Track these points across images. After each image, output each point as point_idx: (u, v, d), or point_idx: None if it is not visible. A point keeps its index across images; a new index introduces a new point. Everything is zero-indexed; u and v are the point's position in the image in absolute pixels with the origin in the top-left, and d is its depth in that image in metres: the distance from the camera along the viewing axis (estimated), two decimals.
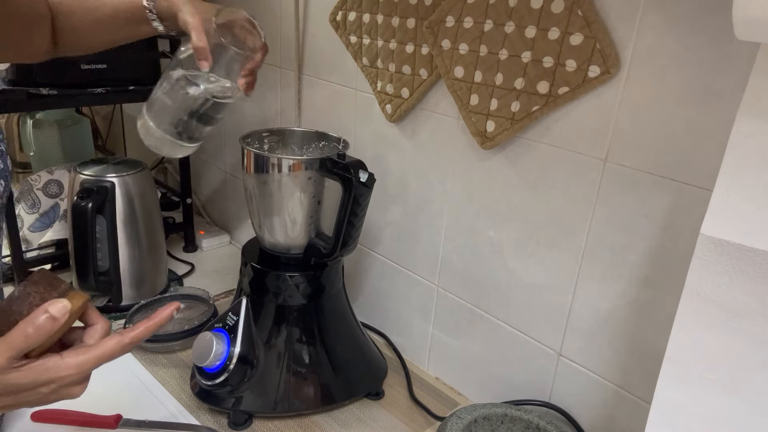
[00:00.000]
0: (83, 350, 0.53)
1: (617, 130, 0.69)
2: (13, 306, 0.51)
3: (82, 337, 0.56)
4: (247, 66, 0.76)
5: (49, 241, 1.20)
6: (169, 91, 0.76)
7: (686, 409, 0.50)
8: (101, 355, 0.53)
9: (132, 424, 0.82)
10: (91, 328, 0.57)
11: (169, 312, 0.59)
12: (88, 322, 0.57)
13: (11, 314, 0.51)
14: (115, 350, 0.54)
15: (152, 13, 0.76)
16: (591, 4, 0.66)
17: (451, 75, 0.81)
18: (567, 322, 0.79)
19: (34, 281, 0.52)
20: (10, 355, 0.49)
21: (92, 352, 0.53)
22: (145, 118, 0.77)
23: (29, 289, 0.52)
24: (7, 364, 0.49)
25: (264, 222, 0.88)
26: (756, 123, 0.44)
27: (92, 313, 0.57)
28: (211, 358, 0.80)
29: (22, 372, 0.50)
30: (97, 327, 0.56)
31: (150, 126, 0.77)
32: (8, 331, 0.50)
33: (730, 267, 0.46)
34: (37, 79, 1.08)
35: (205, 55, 0.71)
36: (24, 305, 0.51)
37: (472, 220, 0.87)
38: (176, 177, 1.50)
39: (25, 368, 0.50)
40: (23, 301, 0.51)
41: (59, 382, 0.51)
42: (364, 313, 1.10)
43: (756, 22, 0.39)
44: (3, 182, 0.66)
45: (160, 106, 0.77)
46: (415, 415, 0.90)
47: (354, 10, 0.93)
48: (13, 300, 0.51)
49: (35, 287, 0.52)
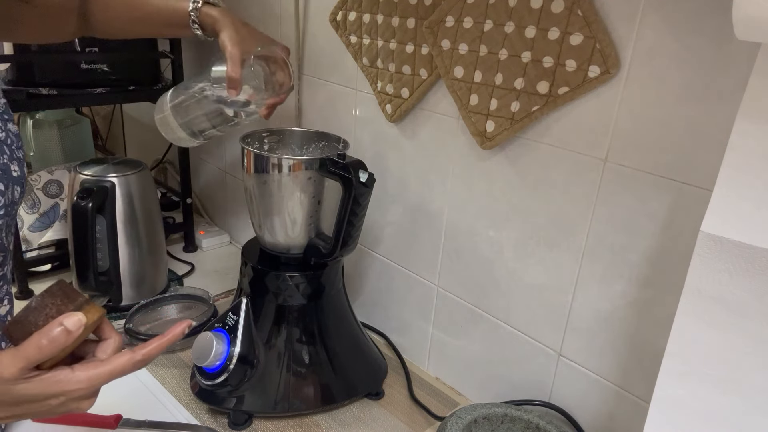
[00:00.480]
0: (94, 365, 0.53)
1: (617, 130, 0.69)
2: (30, 317, 0.51)
3: (95, 351, 0.56)
4: (270, 101, 0.83)
5: (49, 241, 1.20)
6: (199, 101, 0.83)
7: (686, 405, 0.50)
8: (112, 370, 0.53)
9: (132, 424, 0.82)
10: (104, 343, 0.57)
11: (181, 329, 0.58)
12: (102, 336, 0.57)
13: (27, 325, 0.51)
14: (126, 367, 0.54)
15: (195, 23, 0.81)
16: (591, 4, 0.66)
17: (450, 75, 0.81)
18: (567, 322, 0.79)
19: (52, 293, 0.52)
20: (22, 365, 0.49)
21: (103, 367, 0.53)
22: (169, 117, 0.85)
23: (46, 301, 0.52)
24: (19, 374, 0.49)
25: (264, 222, 0.88)
26: (756, 123, 0.44)
27: (106, 327, 0.57)
28: (211, 358, 0.80)
29: (33, 383, 0.50)
30: (110, 342, 0.57)
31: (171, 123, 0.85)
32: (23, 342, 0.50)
33: (730, 264, 0.46)
34: (37, 79, 1.08)
35: (235, 86, 0.77)
36: (40, 317, 0.51)
37: (472, 220, 0.87)
38: (176, 177, 1.49)
39: (36, 380, 0.50)
40: (40, 313, 0.51)
41: (69, 395, 0.52)
42: (364, 313, 1.10)
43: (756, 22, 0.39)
44: (19, 188, 0.67)
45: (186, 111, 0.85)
46: (415, 415, 0.90)
47: (354, 10, 0.93)
48: (30, 311, 0.51)
49: (52, 299, 0.52)
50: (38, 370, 0.51)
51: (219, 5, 0.82)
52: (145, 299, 1.07)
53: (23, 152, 0.69)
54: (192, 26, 0.81)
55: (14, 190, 0.66)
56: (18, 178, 0.67)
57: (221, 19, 0.79)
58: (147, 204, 1.10)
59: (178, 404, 0.87)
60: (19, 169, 0.67)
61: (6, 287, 0.74)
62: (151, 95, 1.24)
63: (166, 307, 1.10)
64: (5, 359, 0.49)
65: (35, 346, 0.49)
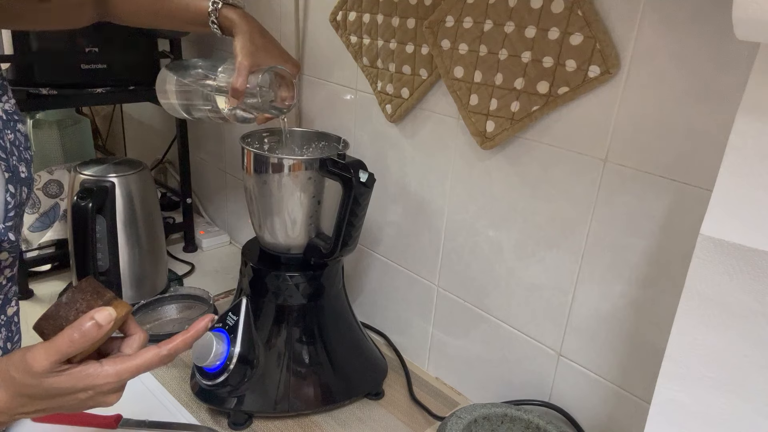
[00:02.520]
0: (122, 359, 0.54)
1: (617, 130, 0.69)
2: (61, 312, 0.53)
3: (120, 347, 0.57)
4: (267, 117, 0.85)
5: (49, 241, 1.20)
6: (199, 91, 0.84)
7: (686, 408, 0.50)
8: (140, 365, 0.54)
9: (132, 424, 0.82)
10: (130, 338, 0.58)
11: (204, 324, 0.59)
12: (127, 332, 0.58)
13: (58, 319, 0.52)
14: (153, 361, 0.55)
15: (215, 23, 0.82)
16: (591, 4, 0.66)
17: (450, 75, 0.81)
18: (567, 322, 0.79)
19: (81, 288, 0.54)
20: (55, 359, 0.50)
21: (131, 361, 0.54)
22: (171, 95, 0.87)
23: (77, 296, 0.53)
24: (51, 367, 0.50)
25: (264, 222, 0.88)
26: (756, 123, 0.44)
27: (131, 323, 0.58)
28: (211, 358, 0.80)
29: (63, 377, 0.51)
30: (135, 337, 0.58)
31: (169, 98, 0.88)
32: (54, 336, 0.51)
33: (729, 267, 0.46)
34: (37, 79, 1.08)
35: (238, 96, 0.78)
36: (71, 312, 0.53)
37: (472, 220, 0.87)
38: (176, 177, 1.50)
39: (66, 373, 0.51)
40: (70, 308, 0.53)
41: (97, 389, 0.53)
42: (364, 313, 1.10)
43: (756, 22, 0.39)
44: (26, 189, 0.68)
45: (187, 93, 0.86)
46: (415, 415, 0.90)
47: (354, 10, 0.93)
48: (61, 306, 0.53)
49: (82, 294, 0.54)
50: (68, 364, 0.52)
51: (239, 6, 0.82)
52: (145, 299, 1.07)
53: (30, 153, 0.70)
54: (211, 26, 0.82)
55: (22, 191, 0.67)
56: (26, 179, 0.68)
57: (239, 24, 0.80)
58: (147, 204, 1.10)
59: (178, 404, 0.87)
60: (27, 170, 0.68)
61: (14, 288, 0.74)
62: (151, 95, 1.24)
63: (166, 307, 1.10)
64: (38, 353, 0.50)
65: (67, 339, 0.50)
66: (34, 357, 0.50)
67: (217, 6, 0.80)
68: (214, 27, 0.82)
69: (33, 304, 1.11)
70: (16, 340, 0.76)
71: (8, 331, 0.73)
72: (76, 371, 0.52)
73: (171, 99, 0.88)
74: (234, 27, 0.80)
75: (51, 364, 0.50)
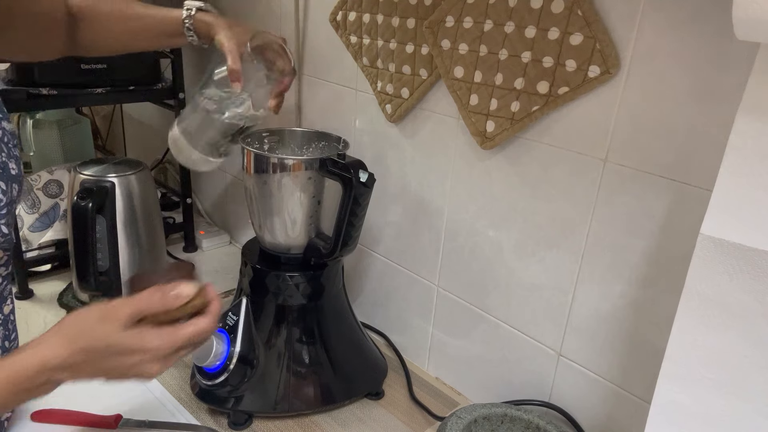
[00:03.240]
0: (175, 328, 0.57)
1: (617, 130, 0.69)
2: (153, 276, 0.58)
3: None
4: (275, 90, 0.84)
5: (49, 241, 1.20)
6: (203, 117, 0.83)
7: (686, 408, 0.50)
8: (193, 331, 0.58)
9: (132, 424, 0.82)
10: None
11: None
12: None
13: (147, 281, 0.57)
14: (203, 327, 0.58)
15: (190, 30, 0.82)
16: (591, 4, 0.66)
17: (450, 75, 0.81)
18: (567, 322, 0.79)
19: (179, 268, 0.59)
20: (131, 311, 0.55)
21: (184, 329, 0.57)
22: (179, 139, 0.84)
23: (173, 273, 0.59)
24: (126, 319, 0.55)
25: (264, 222, 0.88)
26: (756, 123, 0.44)
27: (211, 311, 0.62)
28: (211, 358, 0.80)
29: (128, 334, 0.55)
30: None
31: (184, 145, 0.84)
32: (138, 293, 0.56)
33: (729, 266, 0.46)
34: (37, 79, 1.08)
35: (238, 77, 0.77)
36: (162, 279, 0.57)
37: (472, 220, 0.87)
38: (176, 177, 1.49)
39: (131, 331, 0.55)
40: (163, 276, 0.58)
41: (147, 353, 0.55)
42: (364, 313, 1.10)
43: (756, 22, 0.39)
44: (17, 186, 0.68)
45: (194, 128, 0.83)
46: (415, 415, 0.90)
47: (354, 10, 0.93)
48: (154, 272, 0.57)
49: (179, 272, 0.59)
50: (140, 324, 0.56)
51: (212, 11, 0.83)
52: None
53: (18, 150, 0.70)
54: (186, 33, 0.82)
55: (13, 188, 0.67)
56: (16, 176, 0.68)
57: (216, 23, 0.81)
58: (147, 204, 1.10)
59: (178, 404, 0.87)
60: (17, 166, 0.68)
61: (9, 286, 0.74)
62: (151, 95, 1.24)
63: None
64: (118, 303, 0.56)
65: (148, 296, 0.56)
66: (114, 306, 0.55)
67: (191, 12, 0.82)
68: (190, 34, 0.82)
69: (33, 304, 1.11)
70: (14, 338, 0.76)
71: (5, 330, 0.73)
72: (138, 331, 0.55)
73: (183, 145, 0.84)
74: (211, 28, 0.81)
75: (127, 316, 0.55)
